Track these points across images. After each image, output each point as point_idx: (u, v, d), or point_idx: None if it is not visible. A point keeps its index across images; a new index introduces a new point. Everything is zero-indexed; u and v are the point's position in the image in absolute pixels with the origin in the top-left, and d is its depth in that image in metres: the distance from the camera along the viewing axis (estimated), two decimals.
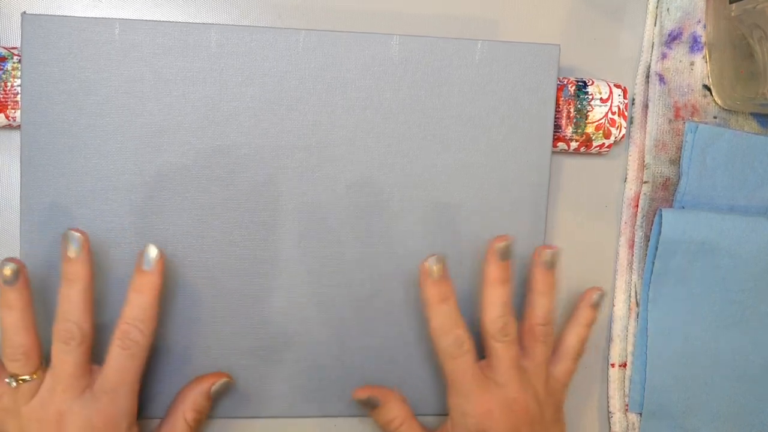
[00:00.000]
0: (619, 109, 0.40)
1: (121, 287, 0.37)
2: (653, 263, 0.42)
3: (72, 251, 0.33)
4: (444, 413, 0.41)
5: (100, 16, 0.38)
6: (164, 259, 0.35)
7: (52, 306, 0.37)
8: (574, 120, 0.40)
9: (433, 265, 0.35)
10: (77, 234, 0.33)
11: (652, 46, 0.43)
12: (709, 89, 0.43)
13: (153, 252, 0.34)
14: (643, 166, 0.43)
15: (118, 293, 0.37)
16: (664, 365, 0.42)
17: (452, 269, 0.40)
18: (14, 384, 0.33)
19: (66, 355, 0.33)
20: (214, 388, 0.37)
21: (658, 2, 0.43)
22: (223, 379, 0.37)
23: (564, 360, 0.38)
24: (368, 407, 0.38)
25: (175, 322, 0.38)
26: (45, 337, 0.35)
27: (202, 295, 0.38)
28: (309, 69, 0.38)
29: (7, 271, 0.32)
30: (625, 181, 0.44)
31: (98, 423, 0.32)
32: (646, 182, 0.43)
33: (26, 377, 0.33)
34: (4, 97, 0.36)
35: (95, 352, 0.35)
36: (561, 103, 0.40)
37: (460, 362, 0.35)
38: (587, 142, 0.41)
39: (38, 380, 0.33)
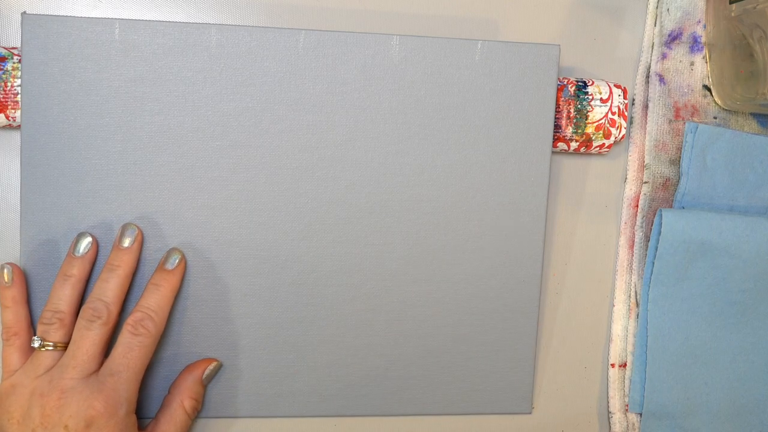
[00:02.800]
0: (619, 109, 0.40)
1: None
2: (653, 263, 0.42)
3: (127, 242, 0.36)
4: (444, 413, 0.41)
5: (100, 16, 0.38)
6: (185, 263, 0.38)
7: None
8: (574, 120, 0.40)
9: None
10: (135, 228, 0.36)
11: (652, 46, 0.43)
12: (709, 89, 0.43)
13: (177, 254, 0.37)
14: (643, 166, 0.43)
15: None
16: (664, 365, 0.42)
17: (452, 269, 0.40)
18: (38, 344, 0.34)
19: (87, 331, 0.34)
20: (206, 373, 0.38)
21: (658, 2, 0.43)
22: (213, 364, 0.38)
23: None
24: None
25: (175, 322, 0.38)
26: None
27: (203, 295, 0.38)
28: (309, 69, 0.38)
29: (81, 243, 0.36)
30: (625, 181, 0.44)
31: (98, 405, 0.33)
32: (646, 182, 0.43)
33: (50, 345, 0.34)
34: (4, 97, 0.36)
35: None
36: (561, 103, 0.40)
37: None
38: (587, 142, 0.41)
39: (58, 354, 0.34)
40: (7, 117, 0.36)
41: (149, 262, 0.37)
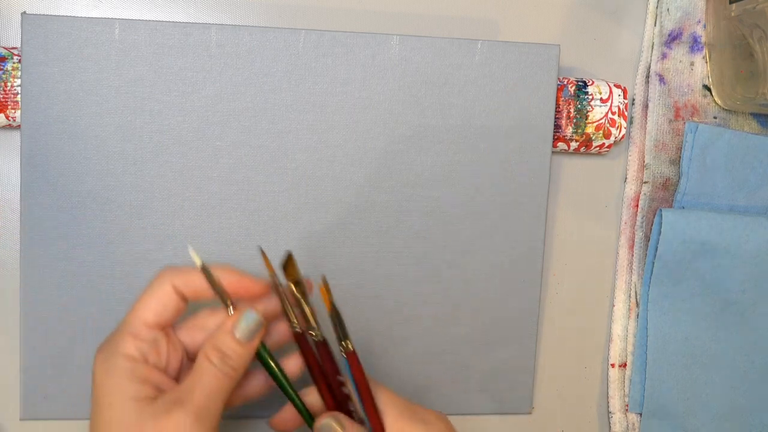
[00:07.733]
0: (619, 109, 0.40)
1: (122, 287, 0.37)
2: (653, 263, 0.42)
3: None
4: (444, 413, 0.41)
5: (100, 16, 0.38)
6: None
7: (51, 305, 0.37)
8: (574, 120, 0.40)
9: None
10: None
11: (652, 46, 0.43)
12: (709, 89, 0.43)
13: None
14: (643, 166, 0.43)
15: (119, 293, 0.37)
16: (664, 365, 0.42)
17: (452, 270, 0.40)
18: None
19: None
20: (237, 325, 0.30)
21: (658, 2, 0.43)
22: (245, 316, 0.31)
23: None
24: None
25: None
26: (44, 334, 0.34)
27: None
28: (309, 69, 0.38)
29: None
30: (625, 181, 0.44)
31: None
32: (646, 182, 0.43)
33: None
34: (4, 97, 0.36)
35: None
36: (561, 103, 0.40)
37: None
38: (587, 142, 0.41)
39: None
40: (7, 117, 0.36)
41: (149, 262, 0.37)
